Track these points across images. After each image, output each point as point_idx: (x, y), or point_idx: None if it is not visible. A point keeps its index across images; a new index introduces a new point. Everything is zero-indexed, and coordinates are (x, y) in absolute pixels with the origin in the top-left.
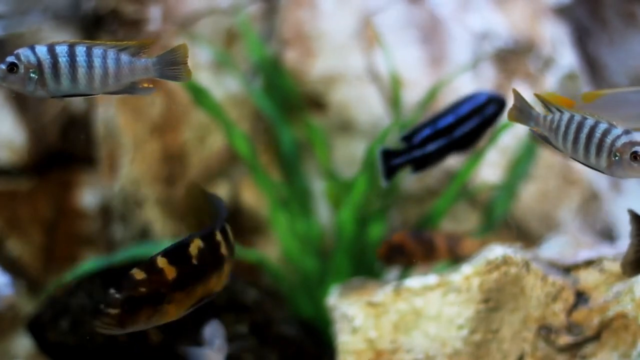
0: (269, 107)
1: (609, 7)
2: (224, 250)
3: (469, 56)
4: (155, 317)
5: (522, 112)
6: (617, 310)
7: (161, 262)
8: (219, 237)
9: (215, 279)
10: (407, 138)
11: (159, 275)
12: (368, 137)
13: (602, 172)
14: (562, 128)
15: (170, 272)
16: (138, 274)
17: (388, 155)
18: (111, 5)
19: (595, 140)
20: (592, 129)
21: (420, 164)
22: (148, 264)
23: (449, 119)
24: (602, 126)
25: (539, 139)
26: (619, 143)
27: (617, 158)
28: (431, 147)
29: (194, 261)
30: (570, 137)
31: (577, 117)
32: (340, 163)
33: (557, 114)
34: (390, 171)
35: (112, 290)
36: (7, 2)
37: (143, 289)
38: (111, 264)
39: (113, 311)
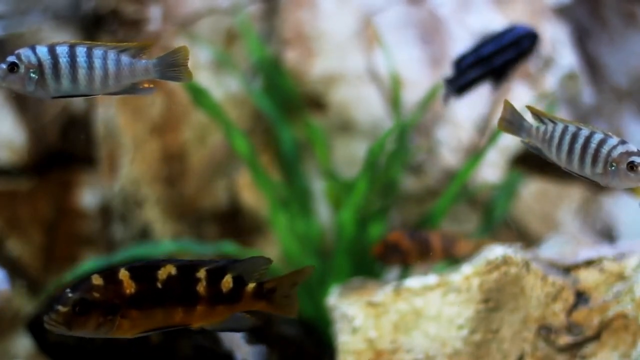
0: (269, 107)
1: (609, 7)
2: (202, 289)
3: None
4: (106, 328)
5: (513, 124)
6: (617, 310)
7: (123, 274)
8: (201, 274)
9: (184, 313)
10: (456, 63)
11: (116, 286)
12: (368, 137)
13: (598, 182)
14: (556, 139)
15: (129, 287)
16: (96, 279)
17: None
18: (111, 5)
19: (591, 150)
20: (588, 140)
21: (462, 89)
22: (109, 273)
23: (490, 47)
24: (598, 136)
25: (531, 150)
26: (616, 153)
27: (613, 168)
28: (473, 73)
29: (159, 285)
30: (565, 147)
31: (572, 128)
32: (340, 163)
33: (551, 125)
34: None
35: (67, 289)
36: (7, 2)
37: (97, 295)
38: (111, 264)
39: (63, 309)
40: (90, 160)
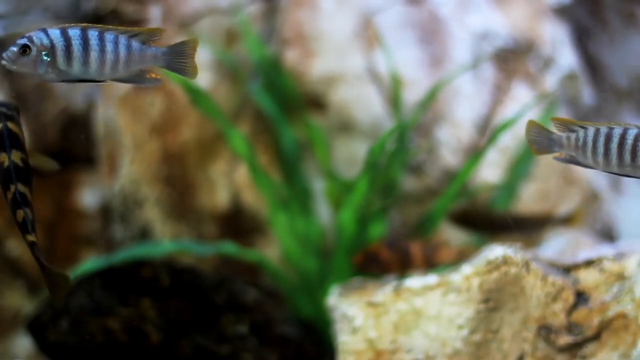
0: (269, 107)
1: (609, 7)
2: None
3: (469, 56)
4: None
5: (543, 143)
6: (617, 310)
7: (12, 124)
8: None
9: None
10: None
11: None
12: (368, 137)
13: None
14: (590, 143)
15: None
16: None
17: None
18: (111, 5)
19: (628, 147)
20: (623, 137)
21: None
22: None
23: None
24: (632, 132)
25: (565, 162)
26: None
27: None
28: None
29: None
30: (600, 150)
31: (604, 129)
32: (340, 163)
33: (581, 131)
34: None
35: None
36: (7, 2)
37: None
38: (111, 264)
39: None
40: (90, 160)
